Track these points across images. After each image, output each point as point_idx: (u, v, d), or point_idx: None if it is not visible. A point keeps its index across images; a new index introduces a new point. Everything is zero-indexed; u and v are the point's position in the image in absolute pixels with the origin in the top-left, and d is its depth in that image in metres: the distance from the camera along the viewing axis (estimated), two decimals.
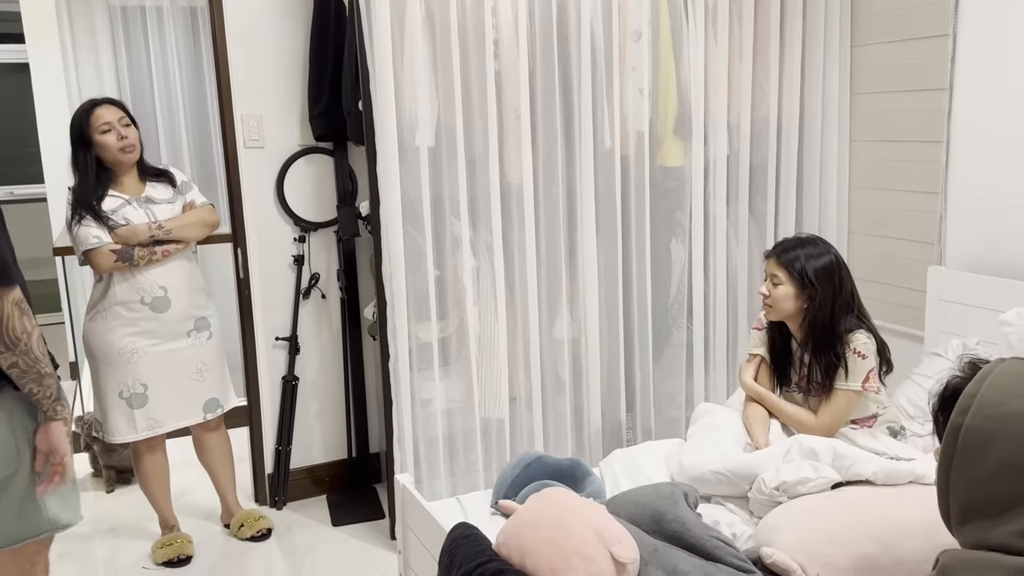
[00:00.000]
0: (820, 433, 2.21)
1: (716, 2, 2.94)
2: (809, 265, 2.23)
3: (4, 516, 1.73)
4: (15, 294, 1.63)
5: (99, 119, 2.61)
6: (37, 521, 1.77)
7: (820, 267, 2.23)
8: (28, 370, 1.66)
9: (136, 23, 4.61)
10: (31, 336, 1.65)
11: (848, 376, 2.22)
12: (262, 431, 3.23)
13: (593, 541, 1.60)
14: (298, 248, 3.18)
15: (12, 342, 1.63)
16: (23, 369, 1.66)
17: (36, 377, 1.68)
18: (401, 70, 2.61)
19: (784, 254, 2.28)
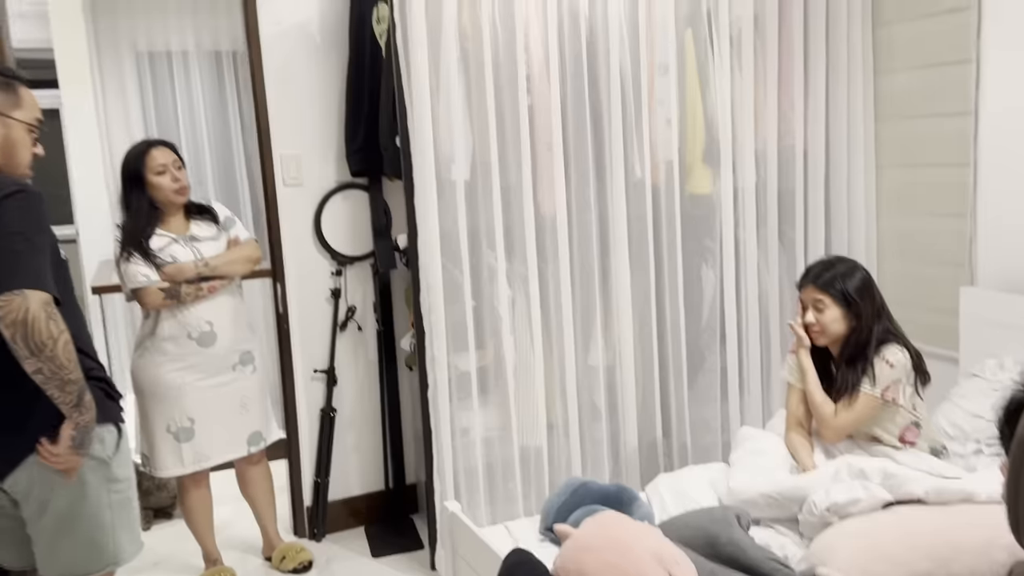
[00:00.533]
0: (834, 430, 2.28)
1: (740, 34, 3.00)
2: (848, 284, 2.29)
3: (75, 548, 1.77)
4: (43, 296, 1.62)
5: (155, 160, 2.69)
6: (104, 555, 1.81)
7: (858, 283, 2.30)
8: (52, 376, 1.65)
9: (163, 67, 4.73)
10: (56, 342, 1.63)
11: (873, 382, 2.25)
12: (300, 463, 3.27)
13: (652, 564, 1.63)
14: (335, 282, 3.24)
15: (38, 347, 1.61)
16: (47, 375, 1.64)
17: (59, 384, 1.66)
18: (437, 106, 2.68)
19: (820, 279, 2.32)
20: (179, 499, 2.91)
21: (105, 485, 1.81)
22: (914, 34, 2.98)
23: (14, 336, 1.59)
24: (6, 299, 1.58)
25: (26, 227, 1.64)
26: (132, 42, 4.63)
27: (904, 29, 3.02)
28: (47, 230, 1.71)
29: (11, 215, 1.63)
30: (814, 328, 2.33)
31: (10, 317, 1.58)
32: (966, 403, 2.55)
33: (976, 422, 2.47)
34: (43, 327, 1.60)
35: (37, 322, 1.60)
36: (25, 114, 1.83)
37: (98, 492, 1.80)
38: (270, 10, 3.04)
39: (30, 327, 1.59)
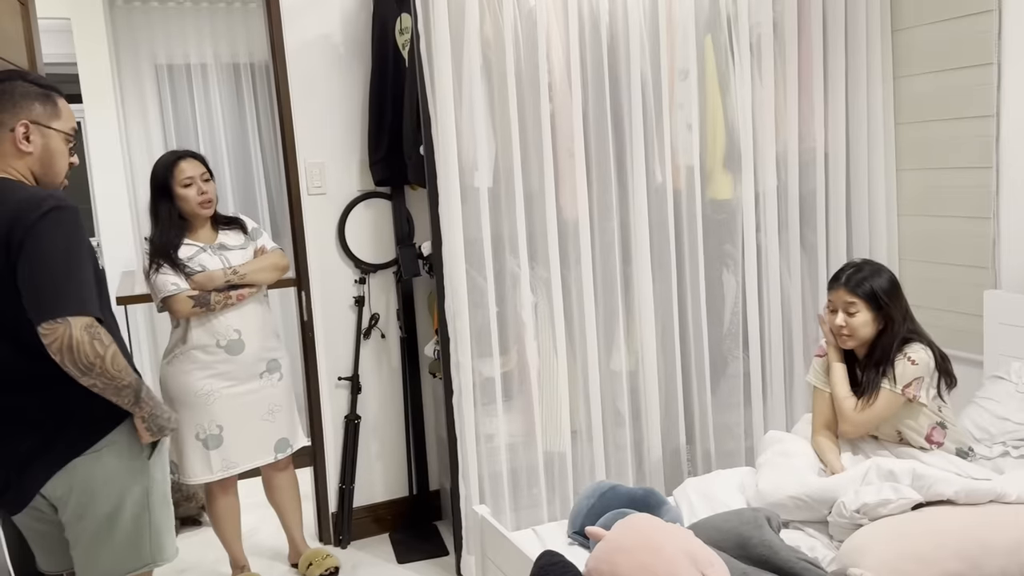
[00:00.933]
0: (853, 425, 2.30)
1: (760, 39, 3.02)
2: (879, 287, 2.31)
3: (113, 550, 1.80)
4: (84, 320, 1.67)
5: (183, 172, 2.73)
6: (142, 555, 1.84)
7: (887, 285, 2.33)
8: (106, 387, 1.73)
9: (182, 80, 4.79)
10: (104, 358, 1.69)
11: (894, 380, 2.26)
12: (326, 470, 3.29)
13: (686, 564, 1.63)
14: (358, 290, 3.27)
15: (87, 367, 1.68)
16: (101, 387, 1.73)
17: (114, 391, 1.75)
18: (461, 115, 2.71)
19: (851, 281, 2.33)
20: (207, 506, 2.94)
21: (144, 487, 1.84)
22: (934, 38, 2.99)
23: (63, 360, 1.67)
24: (50, 328, 1.65)
25: (67, 244, 1.69)
26: (152, 55, 4.70)
27: (924, 33, 3.03)
28: (85, 242, 1.74)
29: (49, 235, 1.67)
30: (843, 331, 2.34)
31: (56, 345, 1.65)
32: (991, 405, 2.55)
33: (1002, 424, 2.47)
34: (88, 350, 1.67)
35: (82, 346, 1.67)
36: (63, 124, 1.87)
37: (137, 494, 1.83)
38: (294, 22, 3.08)
39: (76, 351, 1.66)
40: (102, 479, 1.78)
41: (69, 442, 1.76)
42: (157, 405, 1.84)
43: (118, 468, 1.79)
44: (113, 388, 1.74)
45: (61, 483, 1.78)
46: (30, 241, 1.65)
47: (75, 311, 1.66)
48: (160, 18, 4.67)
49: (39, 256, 1.65)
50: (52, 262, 1.66)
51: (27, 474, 1.76)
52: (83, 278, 1.70)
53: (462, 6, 2.65)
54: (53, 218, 1.68)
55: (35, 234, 1.65)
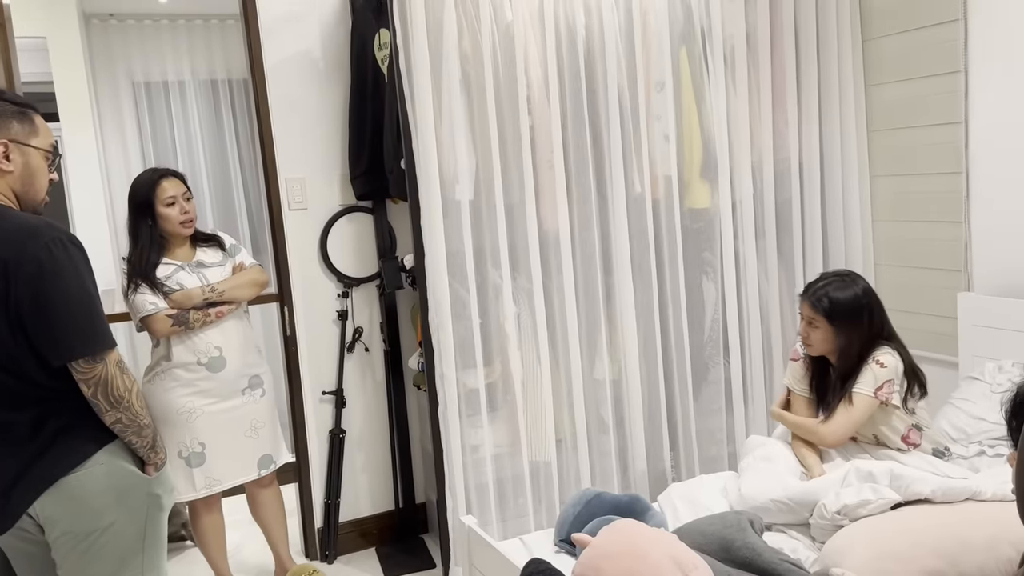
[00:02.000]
0: (828, 437, 2.28)
1: (734, 51, 3.08)
2: (838, 306, 2.32)
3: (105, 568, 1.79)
4: (115, 355, 1.74)
5: (165, 192, 2.73)
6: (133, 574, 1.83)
7: (850, 303, 2.32)
8: (130, 424, 1.77)
9: (159, 97, 4.80)
10: (131, 393, 1.76)
11: (862, 382, 2.29)
12: (311, 485, 3.29)
13: (671, 568, 1.66)
14: (341, 304, 3.28)
15: (116, 400, 1.75)
16: (125, 424, 1.77)
17: (136, 430, 1.79)
18: (441, 128, 2.73)
19: (814, 296, 2.37)
20: (191, 523, 2.93)
21: (135, 508, 1.84)
22: (903, 47, 3.06)
23: (95, 393, 1.74)
24: (88, 366, 1.72)
25: (84, 279, 1.73)
26: (129, 73, 4.70)
27: (893, 42, 3.10)
28: (92, 271, 1.77)
29: (67, 271, 1.70)
30: (807, 341, 2.39)
31: (92, 380, 1.73)
32: (967, 406, 2.60)
33: (978, 424, 2.52)
34: (119, 383, 1.76)
35: (114, 380, 1.75)
36: (41, 141, 1.87)
37: (127, 515, 1.82)
38: (273, 38, 3.10)
39: (109, 385, 1.75)
40: (91, 498, 1.78)
41: (57, 460, 1.76)
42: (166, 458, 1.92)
43: (107, 487, 1.79)
44: (136, 426, 1.80)
45: (49, 502, 1.77)
46: (48, 279, 1.68)
47: (109, 347, 1.75)
48: (136, 35, 4.68)
49: (62, 295, 1.69)
50: (79, 298, 1.71)
51: (14, 493, 1.76)
52: (102, 311, 1.76)
53: (440, 22, 2.68)
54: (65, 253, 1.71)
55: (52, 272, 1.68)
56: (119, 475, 1.82)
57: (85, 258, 1.76)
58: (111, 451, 1.82)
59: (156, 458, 1.84)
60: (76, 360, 1.71)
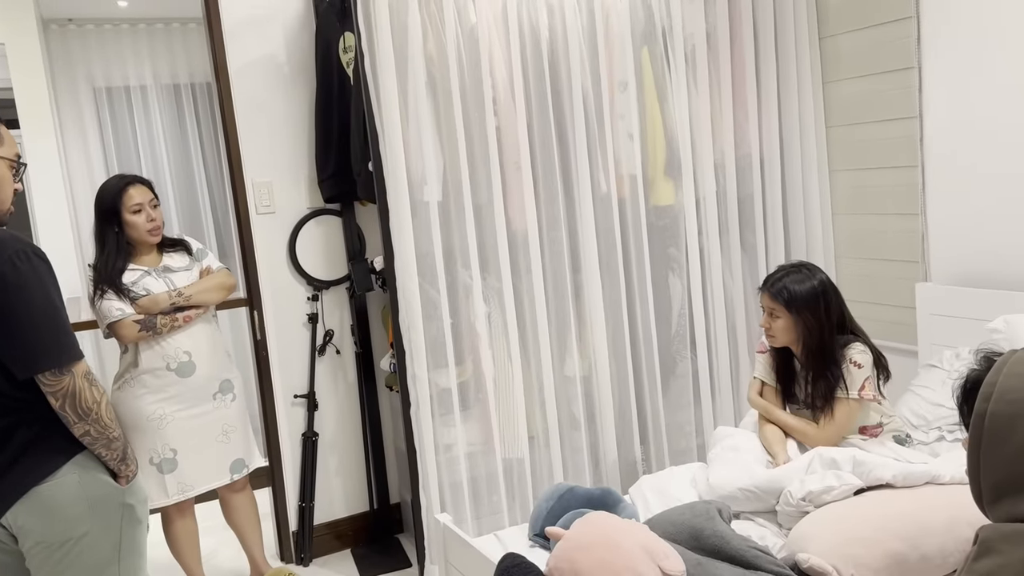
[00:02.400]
0: (825, 443, 2.34)
1: (694, 50, 3.13)
2: (797, 294, 2.38)
3: None
4: (83, 367, 1.74)
5: (131, 199, 2.71)
6: None
7: (809, 293, 2.38)
8: (99, 437, 1.76)
9: (121, 103, 4.76)
10: (100, 405, 1.76)
11: (847, 387, 2.35)
12: (284, 489, 3.29)
13: (643, 557, 1.70)
14: (312, 307, 3.28)
15: (85, 412, 1.74)
16: (94, 436, 1.76)
17: (105, 443, 1.78)
18: (408, 131, 2.75)
19: (773, 287, 2.43)
20: (164, 530, 2.91)
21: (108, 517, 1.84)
22: (858, 44, 3.14)
23: (63, 406, 1.73)
24: (55, 379, 1.71)
25: (50, 291, 1.72)
26: (90, 78, 4.65)
27: (848, 40, 3.18)
28: (57, 284, 1.76)
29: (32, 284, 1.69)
30: (768, 332, 2.45)
31: (60, 392, 1.72)
32: (927, 393, 2.68)
33: (937, 410, 2.60)
34: (88, 396, 1.75)
35: (82, 392, 1.74)
36: (6, 150, 1.86)
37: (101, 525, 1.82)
38: (237, 42, 3.09)
39: (77, 397, 1.74)
40: (63, 508, 1.77)
41: (28, 470, 1.75)
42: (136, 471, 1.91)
43: (80, 496, 1.78)
44: (105, 439, 1.78)
45: (22, 512, 1.76)
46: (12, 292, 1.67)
47: (75, 359, 1.74)
48: (96, 40, 4.63)
49: (26, 308, 1.68)
50: (43, 310, 1.70)
51: None
52: (68, 323, 1.75)
53: (405, 24, 2.69)
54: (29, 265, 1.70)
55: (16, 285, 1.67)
56: (92, 485, 1.81)
57: (50, 270, 1.75)
58: (83, 461, 1.81)
59: (127, 470, 1.84)
60: (42, 373, 1.70)
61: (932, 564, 1.83)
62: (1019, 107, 2.65)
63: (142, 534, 1.93)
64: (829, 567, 1.79)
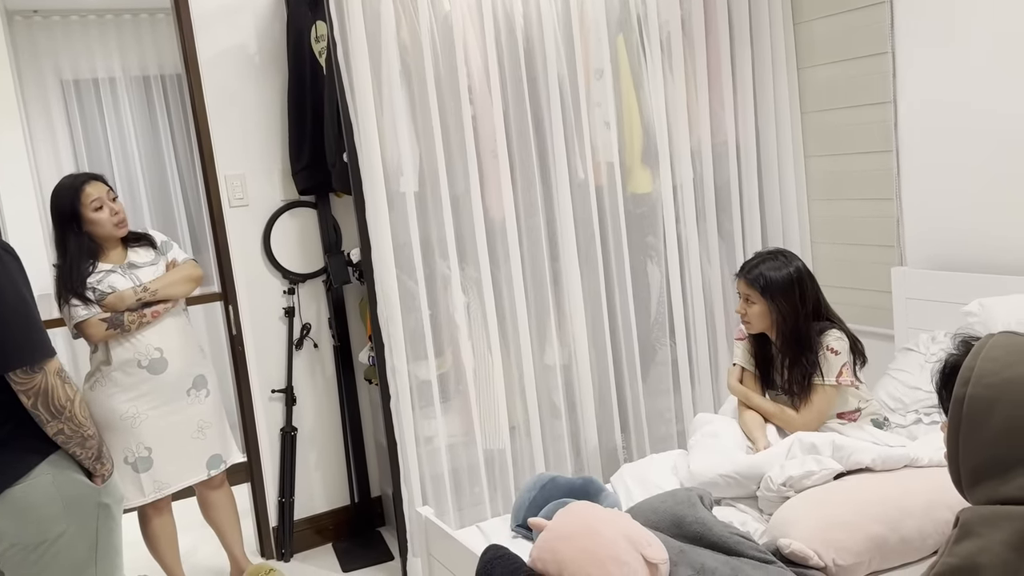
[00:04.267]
0: (804, 429, 2.35)
1: (670, 37, 3.12)
2: (772, 281, 2.38)
3: None
4: (55, 364, 1.70)
5: (89, 196, 2.64)
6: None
7: (782, 280, 2.39)
8: (73, 435, 1.73)
9: (90, 95, 4.67)
10: (74, 402, 1.72)
11: (824, 373, 2.36)
12: (264, 484, 3.26)
13: (625, 546, 1.69)
14: (288, 300, 3.25)
15: (58, 410, 1.71)
16: (68, 435, 1.73)
17: (80, 440, 1.74)
18: (382, 120, 2.72)
19: (749, 273, 2.43)
20: (141, 529, 2.87)
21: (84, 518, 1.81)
22: (832, 29, 3.14)
23: (35, 404, 1.70)
24: (27, 377, 1.68)
25: (20, 288, 1.69)
26: (57, 70, 4.57)
27: (823, 25, 3.18)
28: (27, 280, 1.72)
29: (1, 281, 1.66)
30: (744, 319, 2.45)
31: (32, 390, 1.69)
32: (904, 376, 2.70)
33: (914, 393, 2.62)
34: (60, 393, 1.72)
35: (55, 390, 1.71)
36: None
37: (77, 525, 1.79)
38: (207, 33, 3.04)
39: (50, 395, 1.71)
40: (38, 509, 1.74)
41: (1, 470, 1.72)
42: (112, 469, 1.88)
43: (54, 497, 1.75)
44: (80, 437, 1.75)
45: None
46: None
47: (47, 356, 1.71)
48: (63, 31, 4.54)
49: None
50: (15, 308, 1.67)
51: None
52: (39, 320, 1.72)
53: (377, 12, 2.66)
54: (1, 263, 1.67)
55: None
56: (66, 485, 1.78)
57: (20, 267, 1.71)
58: (57, 461, 1.78)
59: (103, 469, 1.81)
60: (14, 371, 1.67)
61: (911, 547, 1.85)
62: (991, 91, 2.66)
63: (118, 534, 1.91)
64: (811, 552, 1.80)
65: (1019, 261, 2.68)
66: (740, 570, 1.71)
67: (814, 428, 2.37)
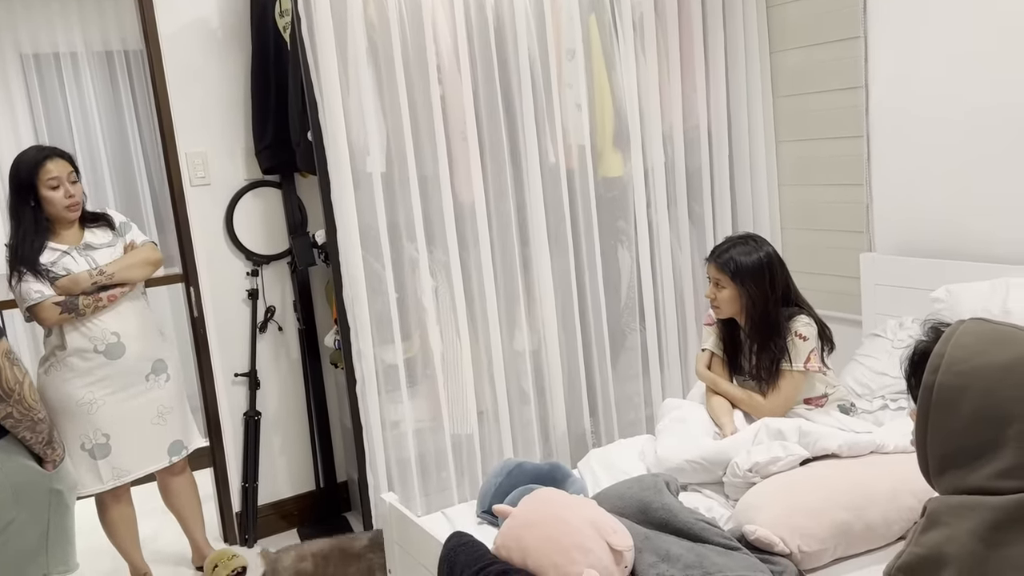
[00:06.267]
0: (771, 414, 2.35)
1: (642, 19, 3.08)
2: (743, 266, 2.37)
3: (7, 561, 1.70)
4: (3, 345, 1.64)
5: (48, 173, 2.56)
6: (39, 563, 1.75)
7: (752, 265, 2.37)
8: (22, 419, 1.67)
9: (50, 70, 4.55)
10: (23, 385, 1.67)
11: (791, 359, 2.36)
12: (227, 470, 3.20)
13: (590, 533, 1.67)
14: (251, 282, 3.18)
15: (7, 393, 1.65)
16: (17, 418, 1.67)
17: (30, 424, 1.69)
18: (348, 98, 2.65)
19: (720, 257, 2.42)
20: (99, 517, 2.81)
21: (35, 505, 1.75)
22: (805, 13, 3.12)
23: None
24: None
25: None
26: (16, 44, 4.43)
27: (796, 8, 3.16)
28: None
29: None
30: (714, 303, 2.44)
31: None
32: (871, 362, 2.71)
33: (881, 379, 2.63)
34: (8, 375, 1.66)
35: (3, 372, 1.65)
36: None
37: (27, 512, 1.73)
38: (167, 6, 2.94)
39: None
40: None
41: None
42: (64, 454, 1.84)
43: (3, 482, 1.69)
44: (29, 421, 1.70)
45: None
46: None
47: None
48: (22, 4, 4.40)
49: None
50: None
51: None
52: None
53: None
54: None
55: None
56: (16, 472, 1.73)
57: None
58: (5, 446, 1.72)
59: (54, 455, 1.75)
60: None
61: (876, 533, 1.85)
62: (962, 77, 2.66)
63: (71, 520, 1.85)
64: (776, 538, 1.79)
65: (986, 248, 2.69)
66: (705, 557, 1.70)
67: (781, 414, 2.36)
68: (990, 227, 2.67)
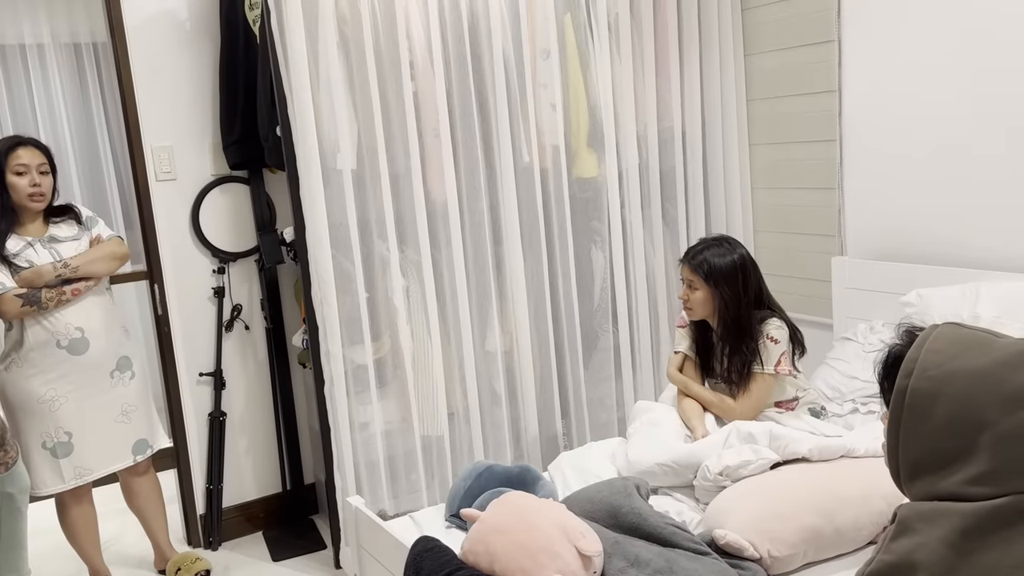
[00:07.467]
0: (742, 417, 2.33)
1: (618, 19, 3.06)
2: (717, 267, 2.36)
3: None
4: None
5: (18, 159, 2.51)
6: None
7: (725, 267, 2.36)
8: None
9: (16, 61, 4.44)
10: None
11: (763, 362, 2.35)
12: (191, 471, 3.13)
13: (559, 538, 1.65)
14: (218, 280, 3.12)
15: None
16: None
17: None
18: (318, 93, 2.61)
19: (693, 259, 2.40)
20: (59, 517, 2.73)
21: None
22: (779, 16, 3.12)
23: None
24: None
25: None
26: None
27: (771, 12, 3.16)
28: None
29: None
30: (687, 304, 2.43)
31: None
32: (841, 365, 2.71)
33: (852, 383, 2.63)
34: None
35: None
36: None
37: None
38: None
39: None
40: None
41: None
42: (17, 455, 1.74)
43: None
44: None
45: None
46: None
47: None
48: None
49: None
50: None
51: None
52: None
53: None
54: None
55: None
56: None
57: None
58: None
59: (6, 457, 1.69)
60: None
61: (846, 537, 1.84)
62: (935, 83, 2.67)
63: (23, 524, 1.79)
64: (745, 543, 1.77)
65: (958, 253, 2.70)
66: (674, 562, 1.68)
67: (752, 417, 2.35)
68: (961, 232, 2.68)
